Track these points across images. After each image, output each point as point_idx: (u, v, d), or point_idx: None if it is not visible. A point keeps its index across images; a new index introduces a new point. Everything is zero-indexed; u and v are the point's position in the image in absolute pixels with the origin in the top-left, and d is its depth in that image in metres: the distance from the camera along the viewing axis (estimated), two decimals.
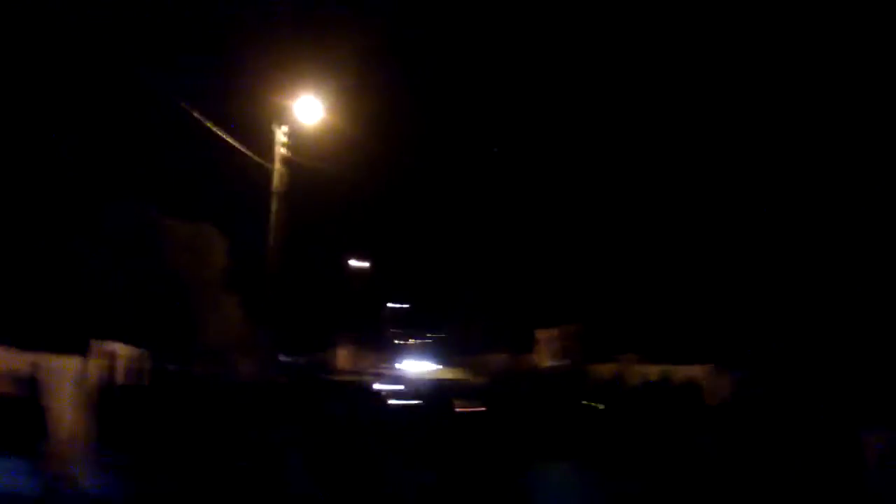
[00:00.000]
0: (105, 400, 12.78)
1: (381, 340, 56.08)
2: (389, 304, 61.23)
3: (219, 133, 14.90)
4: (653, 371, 14.40)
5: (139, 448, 10.95)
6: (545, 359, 28.38)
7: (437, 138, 34.08)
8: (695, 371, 12.01)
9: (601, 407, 10.83)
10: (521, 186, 30.13)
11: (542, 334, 29.42)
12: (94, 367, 13.22)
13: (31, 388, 11.05)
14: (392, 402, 16.03)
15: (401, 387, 21.66)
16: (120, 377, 14.21)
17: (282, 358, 24.94)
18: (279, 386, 17.72)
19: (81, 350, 12.99)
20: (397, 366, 49.41)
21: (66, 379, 12.07)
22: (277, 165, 15.91)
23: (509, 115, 30.70)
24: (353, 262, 44.22)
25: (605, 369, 17.61)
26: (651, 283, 18.42)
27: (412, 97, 32.02)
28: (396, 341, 67.60)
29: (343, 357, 43.39)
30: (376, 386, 20.28)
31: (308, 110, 16.27)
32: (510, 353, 32.26)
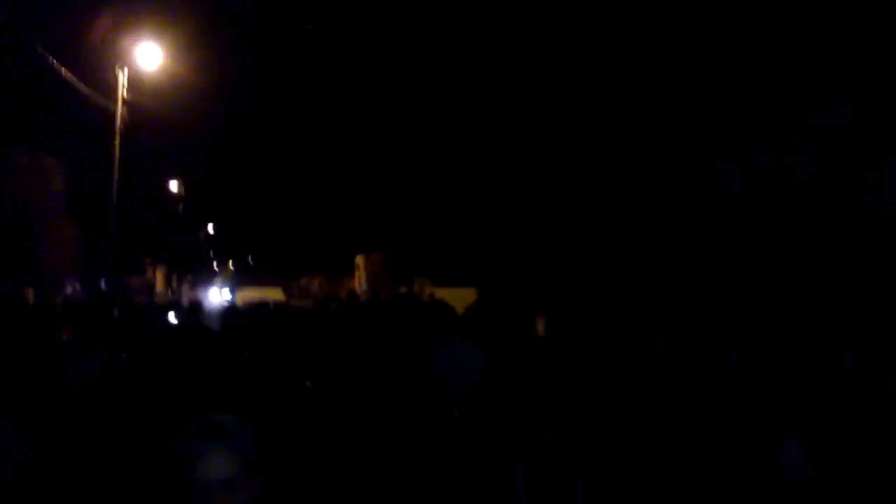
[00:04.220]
0: None
1: (199, 263, 56.59)
2: (209, 226, 61.10)
3: (66, 73, 16.41)
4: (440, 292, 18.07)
5: None
6: (362, 283, 31.34)
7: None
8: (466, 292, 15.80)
9: None
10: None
11: (360, 260, 32.22)
12: None
13: None
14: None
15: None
16: None
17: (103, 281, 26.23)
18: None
19: None
20: (216, 290, 50.57)
21: None
22: (120, 107, 17.63)
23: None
24: (173, 186, 44.48)
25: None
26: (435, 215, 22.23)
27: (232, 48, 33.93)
28: (214, 263, 68.01)
29: (160, 279, 44.07)
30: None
31: (148, 55, 18.11)
32: (327, 276, 34.78)
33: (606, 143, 17.71)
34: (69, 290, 20.68)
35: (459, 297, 16.00)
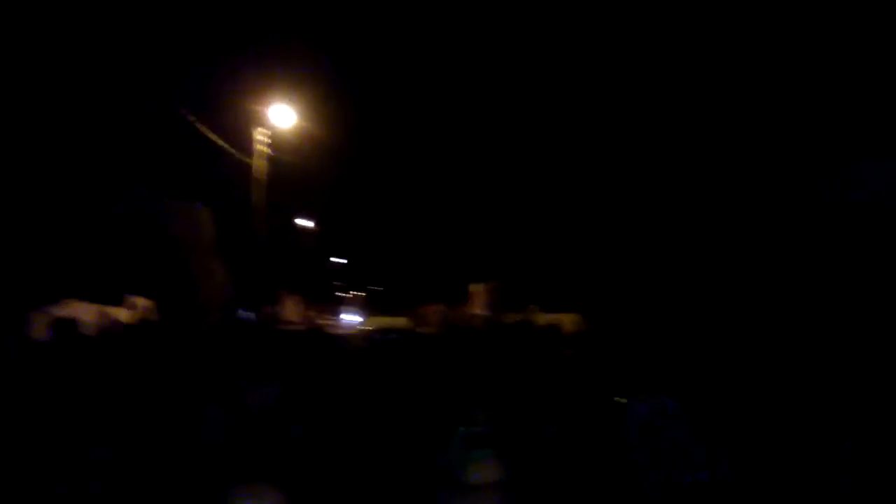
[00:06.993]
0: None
1: (325, 293, 60.01)
2: (333, 259, 64.70)
3: (211, 136, 19.12)
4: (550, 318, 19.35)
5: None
6: (478, 309, 32.99)
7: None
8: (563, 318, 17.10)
9: None
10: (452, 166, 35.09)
11: (474, 288, 33.97)
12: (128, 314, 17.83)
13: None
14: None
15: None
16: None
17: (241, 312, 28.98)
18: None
19: (118, 302, 17.57)
20: (341, 316, 53.68)
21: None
22: (259, 161, 20.28)
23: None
24: (302, 223, 47.77)
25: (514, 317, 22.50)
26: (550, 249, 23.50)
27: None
28: (339, 293, 71.62)
29: (290, 309, 47.37)
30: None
31: (281, 115, 20.75)
32: (446, 304, 36.64)
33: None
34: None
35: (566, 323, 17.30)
